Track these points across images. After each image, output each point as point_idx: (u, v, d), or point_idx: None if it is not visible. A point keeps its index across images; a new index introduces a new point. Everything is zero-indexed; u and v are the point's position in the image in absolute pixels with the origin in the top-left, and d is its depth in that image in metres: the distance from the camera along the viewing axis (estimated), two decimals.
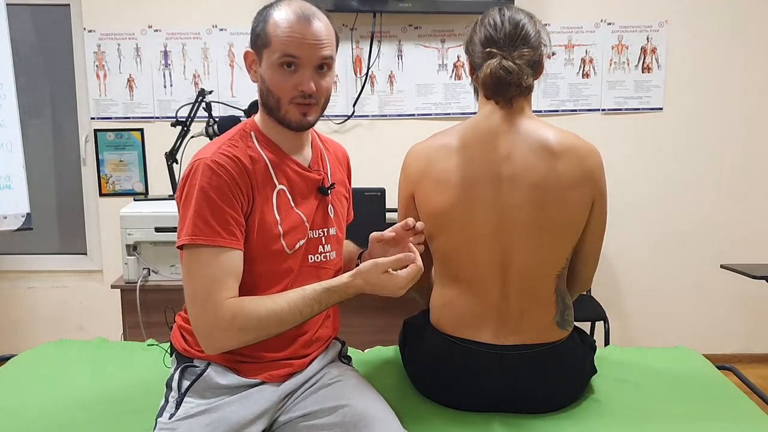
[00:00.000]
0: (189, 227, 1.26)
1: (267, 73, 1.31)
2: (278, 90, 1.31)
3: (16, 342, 3.22)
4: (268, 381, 1.37)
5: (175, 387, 1.35)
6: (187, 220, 1.26)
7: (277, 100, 1.31)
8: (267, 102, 1.34)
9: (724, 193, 3.19)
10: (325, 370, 1.45)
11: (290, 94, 1.30)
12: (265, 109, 1.36)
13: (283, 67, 1.29)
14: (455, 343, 1.45)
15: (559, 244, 1.43)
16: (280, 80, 1.30)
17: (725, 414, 1.47)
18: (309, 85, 1.29)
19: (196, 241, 1.25)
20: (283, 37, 1.27)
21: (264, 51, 1.30)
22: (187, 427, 1.28)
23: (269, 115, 1.36)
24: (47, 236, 3.31)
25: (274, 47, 1.28)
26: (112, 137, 3.13)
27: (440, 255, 1.50)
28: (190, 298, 1.28)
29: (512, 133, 1.41)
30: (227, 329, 1.25)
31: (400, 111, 3.10)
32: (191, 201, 1.26)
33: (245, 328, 1.26)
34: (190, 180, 1.28)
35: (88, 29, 3.05)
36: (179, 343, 1.40)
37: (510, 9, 1.44)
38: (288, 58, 1.28)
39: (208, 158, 1.28)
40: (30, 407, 1.53)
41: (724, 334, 3.29)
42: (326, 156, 1.49)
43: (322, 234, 1.43)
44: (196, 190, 1.26)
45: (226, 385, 1.34)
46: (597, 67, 3.10)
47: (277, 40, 1.28)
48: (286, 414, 1.38)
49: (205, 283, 1.25)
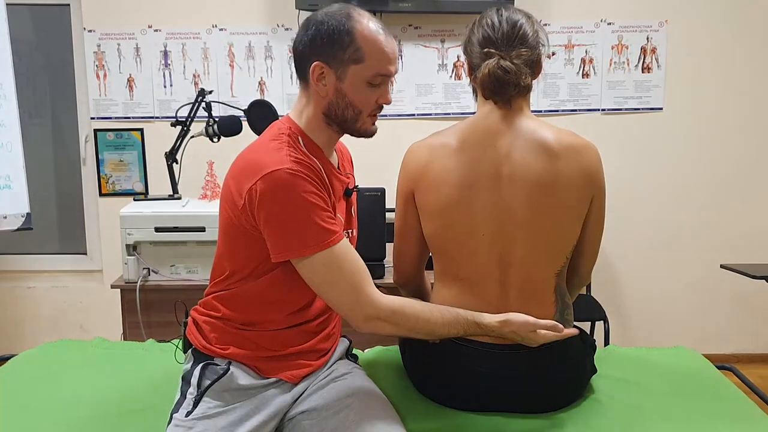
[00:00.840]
0: (309, 236, 1.24)
1: (351, 89, 1.29)
2: (363, 105, 1.31)
3: (16, 342, 3.22)
4: (286, 380, 1.38)
5: (194, 384, 1.35)
6: (305, 231, 1.23)
7: (358, 113, 1.32)
8: (340, 114, 1.32)
9: (724, 192, 3.19)
10: (334, 366, 1.47)
11: (371, 107, 1.33)
12: (334, 120, 1.34)
13: (373, 83, 1.30)
14: (455, 342, 1.45)
15: (558, 243, 1.43)
16: (367, 95, 1.31)
17: (725, 414, 1.47)
18: (389, 98, 1.34)
19: (324, 246, 1.24)
20: (382, 54, 1.28)
21: (352, 66, 1.28)
22: (204, 427, 1.29)
23: (336, 125, 1.34)
24: (47, 236, 3.32)
25: (370, 65, 1.27)
26: (112, 137, 3.13)
27: (440, 254, 1.50)
28: (339, 299, 1.29)
29: (511, 132, 1.41)
30: (385, 320, 1.28)
31: (400, 111, 3.10)
32: (298, 211, 1.23)
33: (401, 324, 1.30)
34: (281, 195, 1.23)
35: (88, 29, 3.05)
36: (197, 340, 1.40)
37: (508, 9, 1.44)
38: (383, 77, 1.30)
39: (286, 168, 1.23)
40: (30, 407, 1.53)
41: (724, 334, 3.29)
42: (344, 158, 1.52)
43: (348, 235, 1.45)
44: (296, 199, 1.23)
45: (246, 386, 1.34)
46: (597, 67, 3.10)
47: (375, 59, 1.27)
48: (293, 409, 1.39)
49: (348, 280, 1.26)
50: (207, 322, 1.40)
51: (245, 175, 1.26)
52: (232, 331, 1.38)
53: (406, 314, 1.29)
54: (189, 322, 1.45)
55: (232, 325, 1.38)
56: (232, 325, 1.38)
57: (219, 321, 1.39)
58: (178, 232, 2.29)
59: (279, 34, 3.05)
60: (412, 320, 1.30)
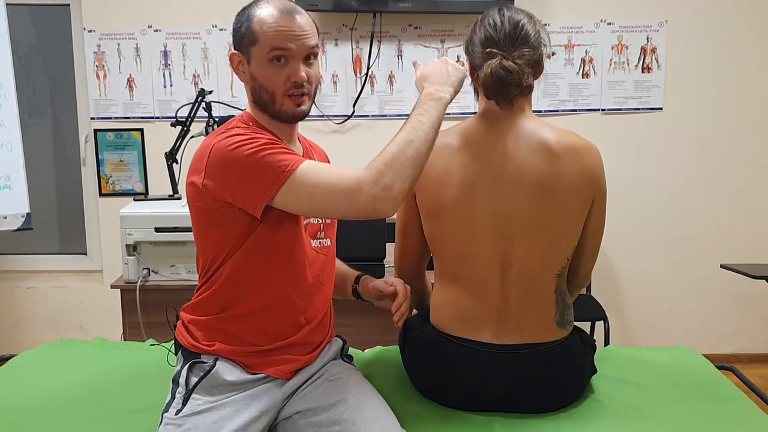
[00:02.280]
0: (274, 169, 1.24)
1: (258, 70, 1.34)
2: (271, 84, 1.33)
3: (16, 342, 3.22)
4: (275, 376, 1.38)
5: (182, 383, 1.35)
6: (268, 168, 1.24)
7: (271, 94, 1.34)
8: (260, 98, 1.36)
9: (724, 192, 3.19)
10: (327, 367, 1.47)
11: (283, 86, 1.33)
12: (258, 105, 1.38)
13: (273, 61, 1.32)
14: (455, 342, 1.45)
15: (559, 243, 1.43)
16: (272, 74, 1.33)
17: (725, 414, 1.47)
18: (301, 74, 1.32)
19: (292, 168, 1.24)
20: (270, 32, 1.31)
21: (252, 49, 1.33)
22: (193, 423, 1.29)
23: (263, 111, 1.38)
24: (47, 236, 3.32)
25: (263, 43, 1.31)
26: (112, 137, 3.13)
27: (440, 254, 1.50)
28: (333, 205, 1.25)
29: (512, 132, 1.41)
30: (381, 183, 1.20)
31: (400, 111, 3.09)
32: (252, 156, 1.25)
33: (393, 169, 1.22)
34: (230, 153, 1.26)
35: (88, 29, 3.05)
36: (185, 339, 1.41)
37: (509, 9, 1.44)
38: (278, 51, 1.31)
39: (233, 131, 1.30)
40: (30, 407, 1.53)
41: (724, 334, 3.29)
42: (313, 153, 1.53)
43: (321, 222, 1.46)
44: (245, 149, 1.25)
45: (233, 381, 1.34)
46: (597, 67, 3.11)
47: (265, 36, 1.31)
48: (287, 409, 1.39)
49: (331, 183, 1.24)
50: (192, 321, 1.41)
51: (198, 159, 1.33)
52: (216, 326, 1.38)
53: (386, 161, 1.22)
54: (178, 324, 1.46)
55: (216, 320, 1.38)
56: (216, 320, 1.38)
57: (204, 317, 1.40)
58: (178, 232, 2.29)
59: None
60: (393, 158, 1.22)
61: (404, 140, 1.25)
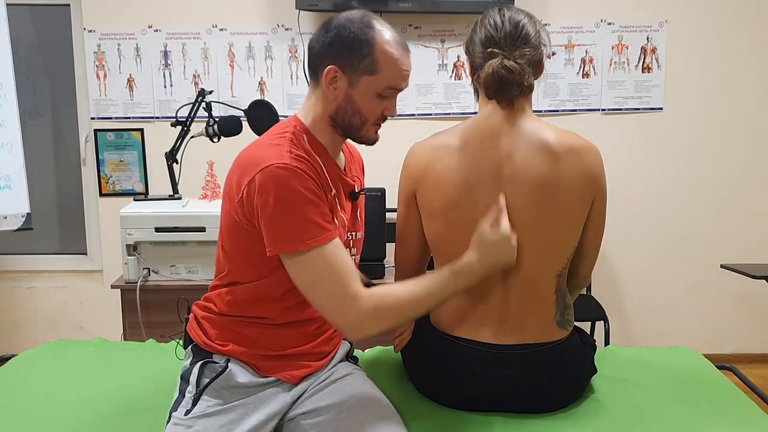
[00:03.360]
0: (302, 231, 1.23)
1: (361, 97, 1.31)
2: (370, 114, 1.33)
3: (16, 342, 3.22)
4: (285, 380, 1.38)
5: (193, 382, 1.35)
6: (297, 226, 1.23)
7: (363, 122, 1.34)
8: (349, 121, 1.33)
9: (724, 192, 3.19)
10: (335, 368, 1.47)
11: (376, 117, 1.34)
12: (340, 124, 1.35)
13: (382, 94, 1.31)
14: (455, 342, 1.45)
15: (559, 244, 1.43)
16: (375, 106, 1.33)
17: (725, 414, 1.47)
18: (396, 111, 1.35)
19: (315, 243, 1.23)
20: (396, 70, 1.30)
21: (365, 76, 1.29)
22: (203, 425, 1.29)
23: (341, 129, 1.35)
24: (47, 236, 3.32)
25: (384, 77, 1.29)
26: (112, 137, 3.13)
27: (441, 255, 1.50)
28: (324, 299, 1.26)
29: (513, 133, 1.41)
30: (371, 318, 1.25)
31: (400, 111, 3.05)
32: (292, 205, 1.23)
33: (387, 316, 1.27)
34: (277, 188, 1.23)
35: (88, 29, 3.05)
36: (198, 336, 1.40)
37: (510, 9, 1.44)
38: (394, 91, 1.32)
39: (284, 163, 1.24)
40: (30, 407, 1.53)
41: (724, 334, 3.29)
42: (352, 161, 1.52)
43: (351, 237, 1.45)
44: (292, 194, 1.23)
45: (244, 384, 1.34)
46: (597, 67, 3.10)
47: (389, 72, 1.29)
48: (293, 411, 1.39)
49: (335, 280, 1.24)
50: (207, 318, 1.41)
51: (245, 169, 1.27)
52: (231, 327, 1.38)
53: (389, 307, 1.26)
54: (191, 318, 1.45)
55: (231, 321, 1.38)
56: (231, 321, 1.38)
57: (219, 317, 1.39)
58: (178, 232, 2.29)
59: (279, 35, 3.05)
60: (396, 310, 1.27)
61: (417, 300, 1.29)
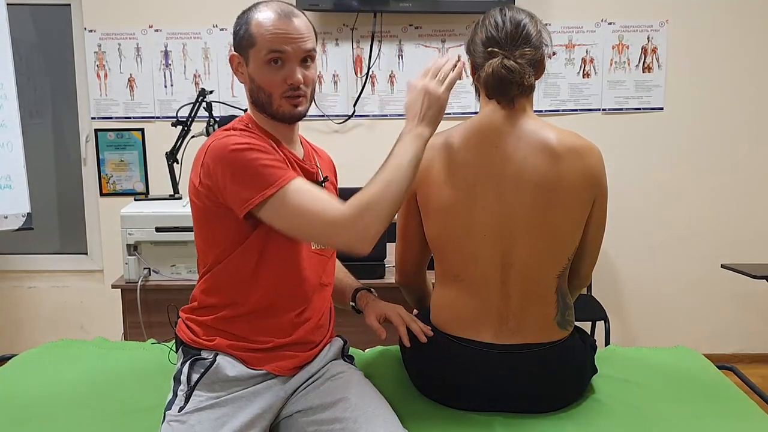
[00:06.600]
0: (264, 179, 1.26)
1: (255, 72, 1.36)
2: (269, 86, 1.35)
3: (16, 342, 3.22)
4: (276, 373, 1.39)
5: (184, 380, 1.36)
6: (258, 175, 1.27)
7: (268, 95, 1.36)
8: (258, 99, 1.38)
9: (724, 192, 3.19)
10: (329, 366, 1.47)
11: (280, 88, 1.35)
12: (256, 107, 1.41)
13: (271, 63, 1.34)
14: (456, 342, 1.45)
15: (560, 244, 1.43)
16: (269, 76, 1.35)
17: (725, 414, 1.47)
18: (297, 77, 1.34)
19: (283, 183, 1.26)
20: (267, 35, 1.33)
21: (250, 51, 1.35)
22: (197, 419, 1.30)
23: (262, 112, 1.40)
24: (48, 236, 3.32)
25: (260, 45, 1.34)
26: (113, 137, 3.13)
27: (441, 254, 1.50)
28: (313, 233, 1.30)
29: (514, 132, 1.41)
30: (361, 220, 1.25)
31: (401, 111, 3.09)
32: (246, 159, 1.27)
33: (373, 207, 1.25)
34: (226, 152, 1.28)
35: (89, 29, 3.05)
36: (186, 335, 1.42)
37: (511, 9, 1.44)
38: (275, 54, 1.33)
39: (226, 134, 1.32)
40: (30, 407, 1.53)
41: (725, 334, 3.29)
42: (316, 156, 1.54)
43: None
44: (241, 150, 1.28)
45: (234, 377, 1.35)
46: (597, 66, 3.11)
47: (263, 39, 1.33)
48: (288, 408, 1.40)
49: (314, 211, 1.26)
50: (191, 319, 1.43)
51: (197, 159, 1.36)
52: (215, 325, 1.40)
53: (368, 200, 1.25)
54: (179, 321, 1.47)
55: (214, 317, 1.39)
56: (214, 317, 1.39)
57: (201, 311, 1.41)
58: (178, 232, 2.29)
59: None
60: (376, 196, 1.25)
61: (384, 181, 1.27)
